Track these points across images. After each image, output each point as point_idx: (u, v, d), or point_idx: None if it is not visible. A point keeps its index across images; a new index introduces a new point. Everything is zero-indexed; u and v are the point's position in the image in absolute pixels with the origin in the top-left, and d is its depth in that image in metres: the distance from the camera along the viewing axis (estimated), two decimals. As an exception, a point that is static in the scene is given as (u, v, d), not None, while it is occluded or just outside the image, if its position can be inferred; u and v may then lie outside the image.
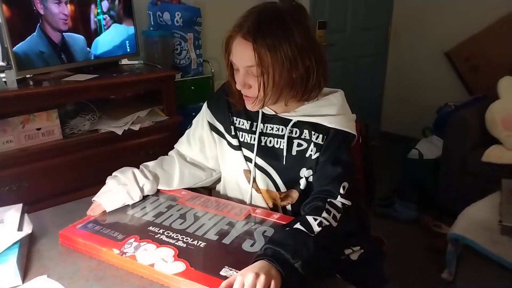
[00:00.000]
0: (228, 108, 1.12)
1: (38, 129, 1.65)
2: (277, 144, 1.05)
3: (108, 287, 0.80)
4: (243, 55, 0.92)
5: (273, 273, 0.74)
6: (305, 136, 1.03)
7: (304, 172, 1.03)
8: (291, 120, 1.03)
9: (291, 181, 1.05)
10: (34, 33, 1.68)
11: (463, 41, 3.15)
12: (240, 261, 0.81)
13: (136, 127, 1.88)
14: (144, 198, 1.11)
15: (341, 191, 0.94)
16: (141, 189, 1.10)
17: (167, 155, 1.24)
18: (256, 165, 1.08)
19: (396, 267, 1.77)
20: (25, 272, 0.85)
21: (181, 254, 0.83)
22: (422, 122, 3.20)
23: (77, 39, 1.85)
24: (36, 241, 0.96)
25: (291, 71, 0.93)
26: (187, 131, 1.22)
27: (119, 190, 1.07)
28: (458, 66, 3.23)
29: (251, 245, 0.87)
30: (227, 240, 0.89)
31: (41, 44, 1.72)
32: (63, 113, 1.83)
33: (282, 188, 1.07)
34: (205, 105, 1.18)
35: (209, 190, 1.26)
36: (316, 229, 0.84)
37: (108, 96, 2.06)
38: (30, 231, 0.92)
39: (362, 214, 1.22)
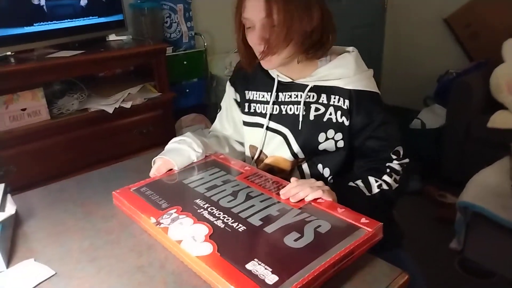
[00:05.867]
0: (245, 82, 1.11)
1: (23, 109, 1.56)
2: (296, 110, 1.02)
3: (102, 268, 0.73)
4: (259, 7, 0.88)
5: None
6: (322, 101, 0.99)
7: (323, 137, 0.99)
8: (308, 85, 1.00)
9: (308, 146, 1.01)
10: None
11: (462, 7, 3.04)
12: (275, 256, 0.68)
13: (127, 105, 1.79)
14: (207, 167, 1.03)
15: (396, 155, 0.96)
16: (202, 142, 1.08)
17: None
18: (271, 129, 1.06)
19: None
20: (10, 256, 0.77)
21: (214, 235, 0.75)
22: (422, 91, 3.12)
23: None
24: (22, 223, 0.88)
25: (304, 23, 0.90)
26: (218, 115, 1.22)
27: (181, 146, 1.04)
28: (458, 33, 3.13)
29: (295, 239, 0.72)
30: (269, 229, 0.76)
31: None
32: (49, 93, 1.73)
33: (300, 154, 1.02)
34: (227, 84, 1.18)
35: None
36: (375, 190, 0.91)
37: (97, 72, 1.97)
38: (13, 212, 0.85)
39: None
